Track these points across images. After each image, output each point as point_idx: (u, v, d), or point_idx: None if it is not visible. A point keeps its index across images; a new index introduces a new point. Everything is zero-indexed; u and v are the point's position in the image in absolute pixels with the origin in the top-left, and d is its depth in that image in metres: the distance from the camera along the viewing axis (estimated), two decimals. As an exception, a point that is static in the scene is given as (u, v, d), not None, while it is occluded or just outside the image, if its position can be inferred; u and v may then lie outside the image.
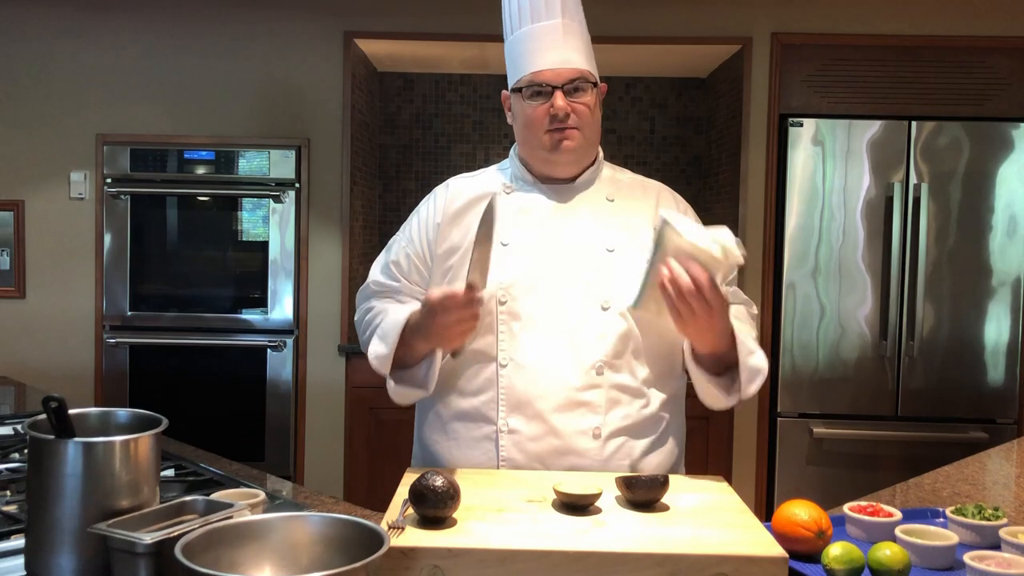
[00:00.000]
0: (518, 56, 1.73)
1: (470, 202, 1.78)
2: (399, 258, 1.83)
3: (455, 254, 1.75)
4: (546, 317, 1.67)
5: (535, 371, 1.65)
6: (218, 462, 1.87)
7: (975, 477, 1.95)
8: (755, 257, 3.84)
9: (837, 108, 3.79)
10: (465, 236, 1.74)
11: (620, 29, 3.82)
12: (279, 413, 3.92)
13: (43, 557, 1.19)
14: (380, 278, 1.85)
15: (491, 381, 1.67)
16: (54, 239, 3.95)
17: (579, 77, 1.69)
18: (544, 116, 1.69)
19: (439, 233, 1.78)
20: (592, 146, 1.78)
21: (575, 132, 1.71)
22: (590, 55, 1.74)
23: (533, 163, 1.78)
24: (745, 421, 3.86)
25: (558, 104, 1.68)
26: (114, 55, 3.92)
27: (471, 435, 1.69)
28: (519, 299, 1.68)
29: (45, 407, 1.19)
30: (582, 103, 1.70)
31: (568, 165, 1.75)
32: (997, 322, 3.74)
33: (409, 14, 3.86)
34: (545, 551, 1.21)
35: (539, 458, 1.64)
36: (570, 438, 1.64)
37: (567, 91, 1.69)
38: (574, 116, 1.70)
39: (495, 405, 1.67)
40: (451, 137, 4.62)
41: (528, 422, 1.65)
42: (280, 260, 3.90)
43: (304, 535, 1.10)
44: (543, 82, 1.69)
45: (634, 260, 1.67)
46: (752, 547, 1.23)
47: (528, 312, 1.67)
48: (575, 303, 1.67)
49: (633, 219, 1.76)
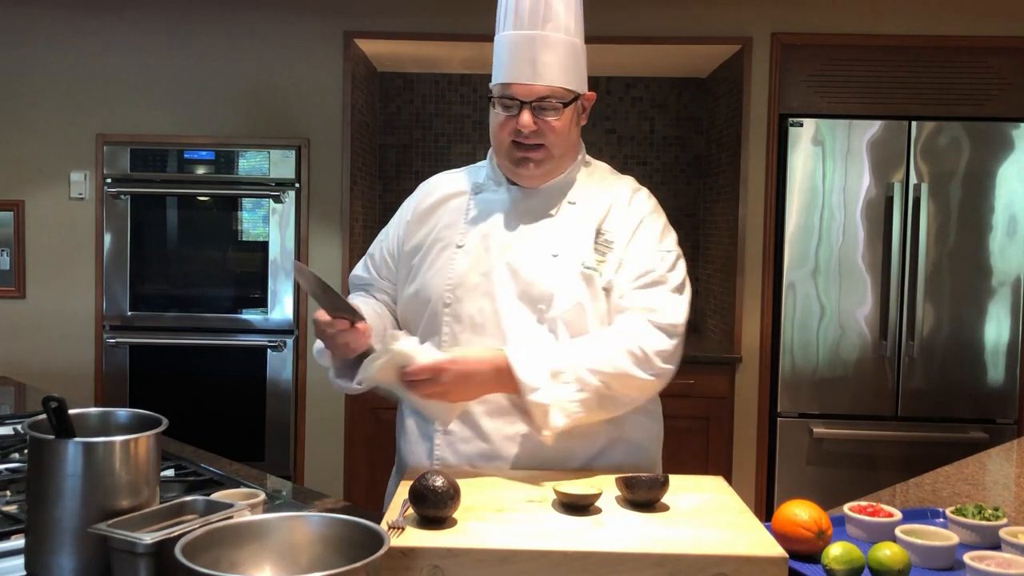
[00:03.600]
0: (497, 59, 1.71)
1: (439, 201, 1.80)
2: (374, 252, 1.89)
3: (418, 253, 1.77)
4: (485, 322, 1.67)
5: None
6: (218, 462, 1.87)
7: (975, 477, 1.95)
8: (755, 257, 3.84)
9: (837, 108, 3.79)
10: (428, 235, 1.77)
11: (620, 29, 3.82)
12: (279, 413, 3.92)
13: (43, 557, 1.19)
14: (357, 271, 1.93)
15: None
16: (54, 239, 3.95)
17: (549, 95, 1.65)
18: (510, 129, 1.68)
19: (408, 231, 1.81)
20: (562, 159, 1.74)
21: (539, 151, 1.68)
22: (571, 68, 1.68)
23: (502, 168, 1.77)
24: (745, 421, 3.86)
25: (523, 121, 1.65)
26: (114, 55, 3.92)
27: (417, 432, 1.72)
28: (463, 302, 1.69)
29: (45, 407, 1.19)
30: (551, 120, 1.66)
31: (532, 179, 1.73)
32: (997, 322, 3.74)
33: (409, 14, 3.86)
34: (545, 551, 1.21)
35: (469, 460, 1.66)
36: (498, 443, 1.66)
37: (535, 108, 1.65)
38: (540, 134, 1.66)
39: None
40: (451, 137, 4.62)
41: (461, 424, 1.67)
42: (280, 260, 3.90)
43: (304, 535, 1.10)
44: (511, 96, 1.66)
45: (571, 266, 1.66)
46: (752, 547, 1.23)
47: (469, 316, 1.68)
48: (513, 309, 1.66)
49: (580, 223, 1.72)
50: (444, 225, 1.77)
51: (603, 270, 1.68)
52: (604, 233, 1.71)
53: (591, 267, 1.67)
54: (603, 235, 1.70)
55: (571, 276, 1.66)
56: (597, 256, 1.69)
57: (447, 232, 1.75)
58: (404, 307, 1.80)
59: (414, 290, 1.76)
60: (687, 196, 4.58)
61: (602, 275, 1.67)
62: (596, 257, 1.68)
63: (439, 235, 1.76)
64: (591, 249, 1.69)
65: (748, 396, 3.85)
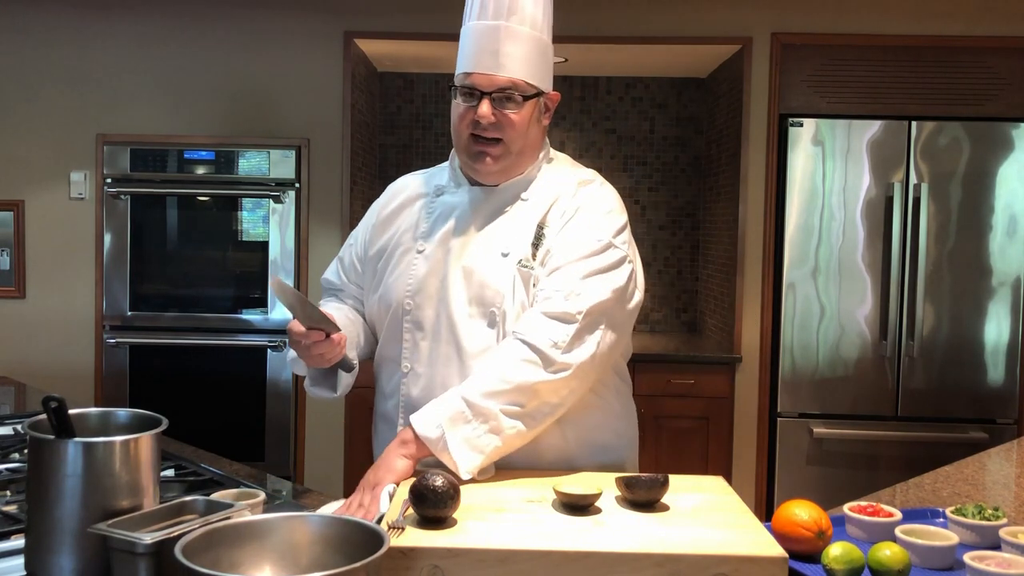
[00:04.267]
0: (461, 50, 1.69)
1: (402, 204, 1.80)
2: (343, 256, 1.88)
3: (381, 258, 1.76)
4: (441, 327, 1.66)
5: (429, 380, 1.66)
6: (218, 462, 1.87)
7: (975, 477, 1.95)
8: (755, 257, 3.84)
9: (837, 108, 3.79)
10: (391, 239, 1.76)
11: (620, 29, 3.82)
12: (279, 413, 3.92)
13: (43, 557, 1.19)
14: (329, 275, 1.91)
15: (396, 387, 1.72)
16: (54, 239, 3.95)
17: (510, 86, 1.62)
18: (468, 120, 1.66)
19: (372, 234, 1.80)
20: (521, 156, 1.69)
21: (497, 147, 1.65)
22: (535, 63, 1.64)
23: (460, 164, 1.76)
24: (745, 421, 3.86)
25: (482, 111, 1.62)
26: (114, 55, 3.92)
27: (387, 436, 1.71)
28: (422, 308, 1.68)
29: (45, 407, 1.19)
30: (510, 113, 1.63)
31: (488, 175, 1.70)
32: (997, 322, 3.74)
33: (409, 14, 3.86)
34: (545, 551, 1.21)
35: (429, 464, 1.60)
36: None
37: (495, 99, 1.63)
38: (498, 127, 1.63)
39: (398, 410, 1.72)
40: (451, 137, 4.61)
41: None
42: (280, 260, 3.90)
43: (304, 535, 1.10)
44: (472, 85, 1.64)
45: (512, 265, 1.63)
46: (752, 547, 1.23)
47: (427, 322, 1.67)
48: (466, 314, 1.64)
49: (524, 220, 1.68)
50: (405, 229, 1.75)
51: (533, 265, 1.64)
52: (543, 227, 1.66)
53: (528, 265, 1.63)
54: (541, 229, 1.66)
55: (510, 276, 1.62)
56: (535, 251, 1.64)
57: (407, 237, 1.74)
58: (370, 312, 1.80)
59: (378, 296, 1.75)
60: (687, 196, 4.57)
61: (533, 270, 1.63)
62: (533, 250, 1.64)
63: (400, 239, 1.75)
64: (530, 244, 1.65)
65: (748, 396, 3.85)
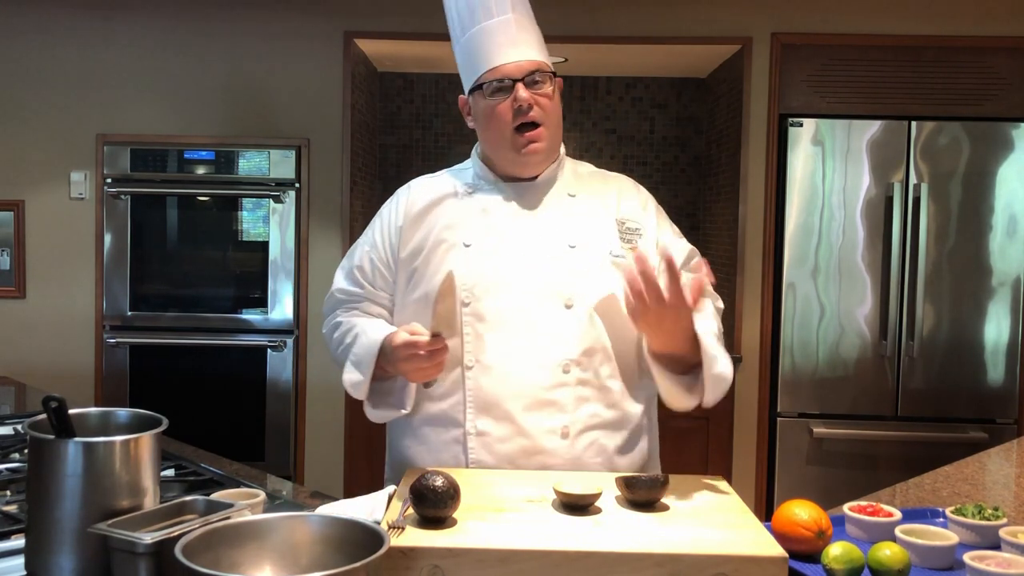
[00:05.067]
0: (474, 55, 1.73)
1: (432, 203, 1.79)
2: (363, 263, 1.81)
3: (419, 256, 1.74)
4: (510, 317, 1.66)
5: (502, 372, 1.65)
6: (218, 462, 1.87)
7: (975, 477, 1.95)
8: (755, 257, 3.84)
9: (837, 108, 3.79)
10: (427, 237, 1.74)
11: (620, 29, 3.82)
12: (279, 413, 3.92)
13: (43, 557, 1.19)
14: (344, 285, 1.84)
15: (458, 384, 1.67)
16: (54, 239, 3.95)
17: (537, 69, 1.70)
18: (508, 111, 1.70)
19: (402, 236, 1.78)
20: (557, 142, 1.78)
21: (541, 131, 1.71)
22: (544, 48, 1.75)
23: (499, 163, 1.77)
24: (745, 421, 3.86)
25: (520, 95, 1.68)
26: (114, 55, 3.92)
27: (440, 439, 1.69)
28: (483, 300, 1.67)
29: (45, 407, 1.19)
30: (543, 94, 1.70)
31: (535, 166, 1.75)
32: (997, 322, 3.74)
33: (409, 14, 3.86)
34: (545, 551, 1.21)
35: (508, 459, 1.64)
36: (539, 437, 1.64)
37: (528, 83, 1.69)
38: (538, 109, 1.69)
39: (462, 408, 1.67)
40: (451, 137, 4.62)
41: (496, 423, 1.64)
42: (280, 260, 3.90)
43: (304, 535, 1.10)
44: (504, 76, 1.69)
45: (595, 255, 1.70)
46: (752, 547, 1.23)
47: (492, 313, 1.67)
48: (538, 302, 1.67)
49: (594, 213, 1.76)
50: (444, 226, 1.74)
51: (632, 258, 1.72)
52: (625, 222, 1.75)
53: (620, 255, 1.71)
54: (624, 223, 1.75)
55: (597, 266, 1.69)
56: (625, 245, 1.73)
57: (448, 233, 1.73)
58: (410, 313, 1.74)
59: (422, 293, 1.72)
60: (687, 196, 4.57)
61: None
62: (624, 246, 1.72)
63: (440, 236, 1.74)
64: (617, 239, 1.73)
65: (748, 396, 3.85)
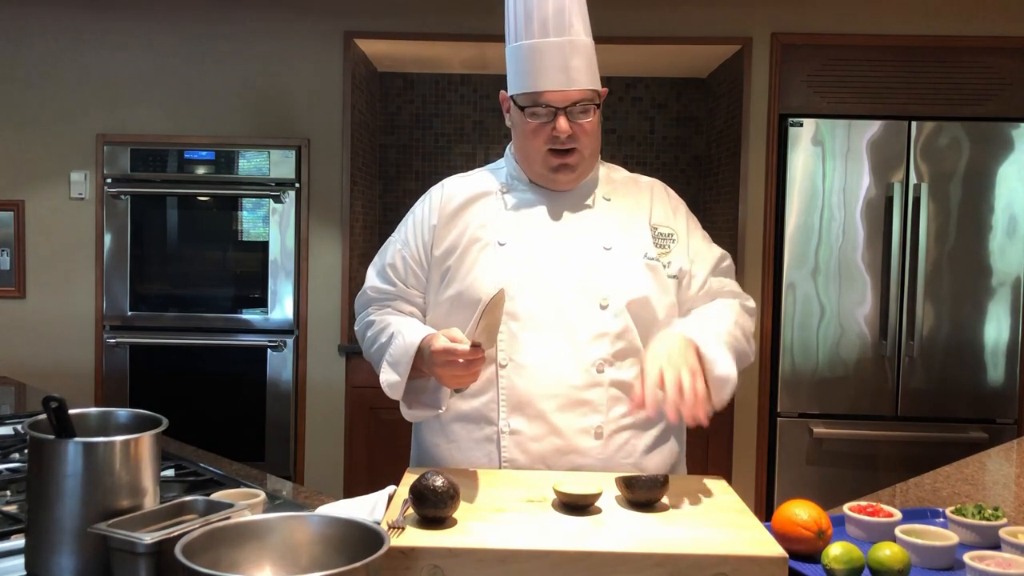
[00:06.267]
0: (521, 68, 1.69)
1: (466, 201, 1.77)
2: (395, 261, 1.80)
3: (453, 255, 1.73)
4: (545, 316, 1.66)
5: (536, 371, 1.65)
6: (218, 462, 1.87)
7: (975, 477, 1.95)
8: (755, 257, 3.84)
9: (837, 108, 3.79)
10: (461, 236, 1.73)
11: (620, 29, 3.82)
12: (279, 413, 3.92)
13: (43, 557, 1.19)
14: (377, 283, 1.83)
15: (491, 382, 1.66)
16: (54, 239, 3.95)
17: (582, 99, 1.66)
18: (544, 136, 1.68)
19: (435, 234, 1.76)
20: (593, 159, 1.76)
21: (574, 156, 1.69)
22: (594, 67, 1.70)
23: (530, 174, 1.77)
24: (745, 421, 3.86)
25: (561, 127, 1.66)
26: (114, 55, 3.92)
27: (472, 437, 1.68)
28: (517, 299, 1.66)
29: (45, 407, 1.19)
30: (585, 123, 1.68)
31: (566, 183, 1.75)
32: (997, 322, 3.74)
33: (409, 14, 3.86)
34: (545, 551, 1.21)
35: (541, 458, 1.64)
36: (572, 437, 1.64)
37: (569, 112, 1.66)
38: (574, 138, 1.67)
39: (496, 406, 1.66)
40: (451, 137, 4.62)
41: (530, 422, 1.64)
42: (280, 260, 3.90)
43: (304, 535, 1.10)
44: (546, 103, 1.66)
45: (630, 257, 1.71)
46: (752, 547, 1.23)
47: (527, 312, 1.67)
48: (573, 301, 1.67)
49: (629, 217, 1.77)
50: (479, 225, 1.74)
51: (666, 261, 1.74)
52: (658, 227, 1.77)
53: (654, 258, 1.73)
54: (657, 229, 1.77)
55: (632, 268, 1.70)
56: (659, 249, 1.75)
57: (483, 232, 1.73)
58: (443, 312, 1.74)
59: (455, 292, 1.71)
60: (687, 196, 4.51)
61: (667, 266, 1.74)
62: (658, 250, 1.74)
63: (475, 235, 1.73)
64: (651, 242, 1.74)
65: (748, 396, 3.85)
